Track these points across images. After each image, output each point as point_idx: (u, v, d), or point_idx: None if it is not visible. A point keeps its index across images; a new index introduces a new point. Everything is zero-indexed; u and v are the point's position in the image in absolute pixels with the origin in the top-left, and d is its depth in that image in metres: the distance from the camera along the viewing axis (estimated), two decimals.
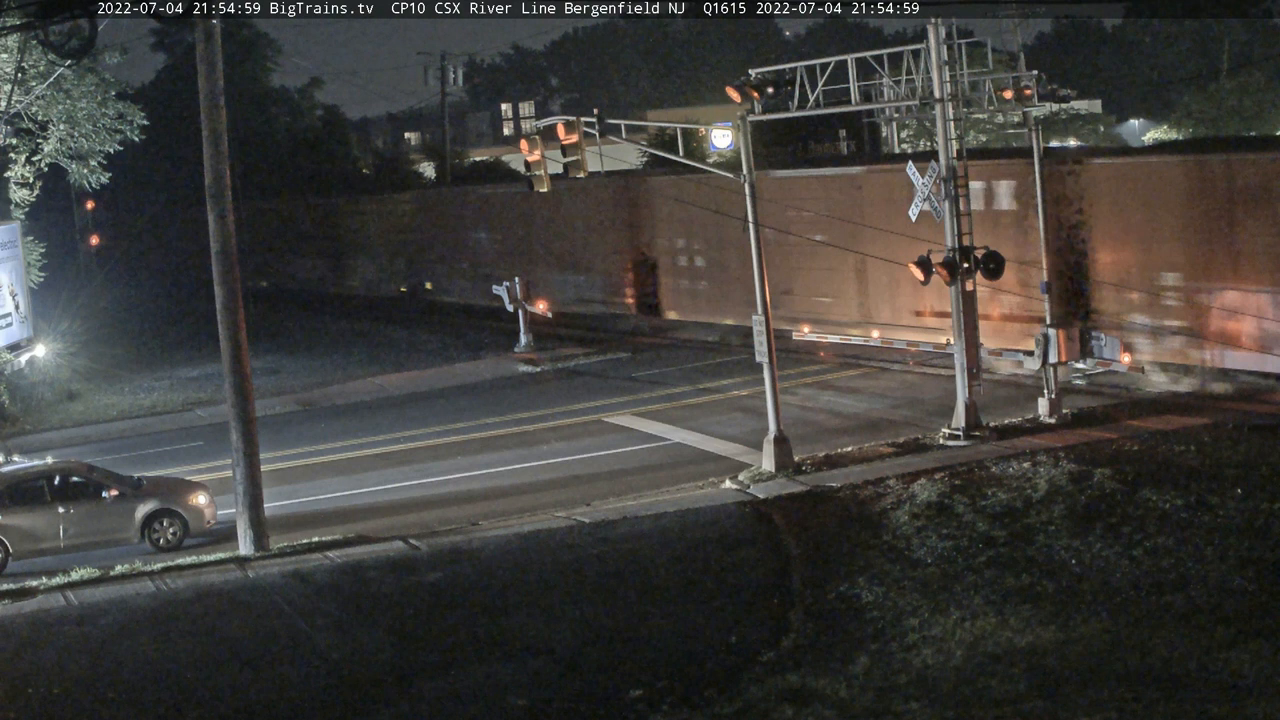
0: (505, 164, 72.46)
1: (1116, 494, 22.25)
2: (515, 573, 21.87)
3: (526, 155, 28.65)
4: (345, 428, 35.20)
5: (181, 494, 26.21)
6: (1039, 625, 17.61)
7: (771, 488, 25.49)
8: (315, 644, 19.61)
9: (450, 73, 70.94)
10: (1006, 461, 25.07)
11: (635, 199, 44.99)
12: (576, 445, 30.96)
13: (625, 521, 23.86)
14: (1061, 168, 30.93)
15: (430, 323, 53.99)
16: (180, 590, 22.11)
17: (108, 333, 49.98)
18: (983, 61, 32.31)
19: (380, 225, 62.24)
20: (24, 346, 40.57)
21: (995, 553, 20.49)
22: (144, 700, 18.16)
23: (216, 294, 24.55)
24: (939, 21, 26.96)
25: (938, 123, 27.70)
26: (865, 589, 19.73)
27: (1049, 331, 28.36)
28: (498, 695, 17.38)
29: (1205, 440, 25.14)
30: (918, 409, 31.20)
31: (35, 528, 24.94)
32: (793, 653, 17.94)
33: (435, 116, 77.31)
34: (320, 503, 28.09)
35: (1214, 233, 28.29)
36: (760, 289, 27.09)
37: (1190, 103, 68.73)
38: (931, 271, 27.22)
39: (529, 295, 44.74)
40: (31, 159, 40.25)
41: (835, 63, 27.94)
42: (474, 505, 26.70)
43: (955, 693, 15.85)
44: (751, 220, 26.81)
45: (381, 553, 23.30)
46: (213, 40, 24.02)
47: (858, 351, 36.94)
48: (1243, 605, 17.73)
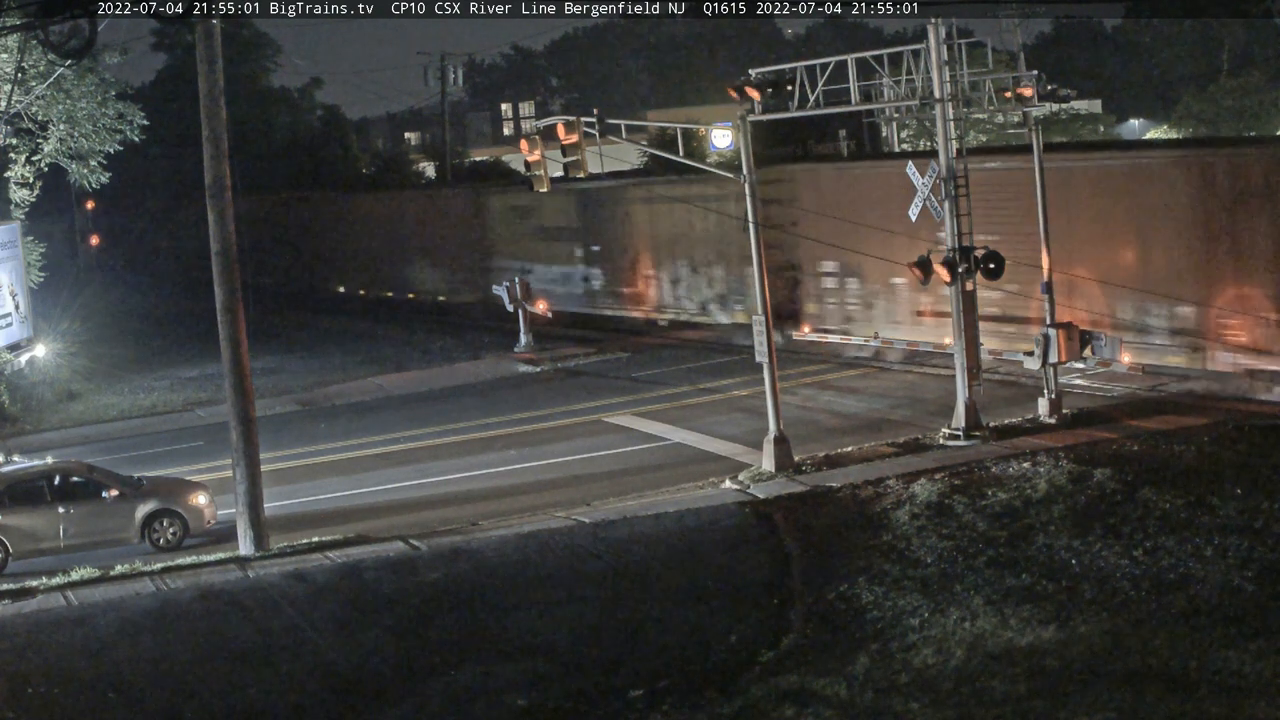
0: (505, 164, 72.42)
1: (1116, 494, 22.25)
2: (515, 573, 21.86)
3: (526, 155, 28.68)
4: (345, 428, 35.20)
5: (181, 494, 26.21)
6: (1039, 625, 17.61)
7: (771, 488, 25.49)
8: (315, 644, 19.61)
9: (450, 73, 70.94)
10: (1006, 461, 25.07)
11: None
12: (576, 445, 30.96)
13: (625, 522, 23.85)
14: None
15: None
16: (180, 590, 22.09)
17: (108, 333, 49.93)
18: (983, 61, 32.29)
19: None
20: (24, 346, 40.56)
21: (995, 553, 20.49)
22: (144, 700, 18.17)
23: (216, 294, 24.53)
24: (939, 21, 26.95)
25: (938, 123, 27.70)
26: (865, 589, 19.73)
27: (1049, 331, 28.34)
28: (498, 695, 17.39)
29: (1205, 440, 25.14)
30: (918, 409, 31.20)
31: (35, 528, 24.94)
32: (793, 653, 17.94)
33: (435, 116, 77.28)
34: (320, 503, 28.09)
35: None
36: (760, 289, 27.10)
37: (1190, 103, 68.67)
38: (931, 272, 27.26)
39: (528, 295, 44.77)
40: (31, 159, 40.23)
41: (835, 63, 27.94)
42: (474, 505, 26.69)
43: (955, 693, 15.86)
44: (751, 220, 26.81)
45: (381, 553, 23.29)
46: (213, 40, 24.01)
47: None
48: (1243, 605, 17.73)
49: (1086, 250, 31.09)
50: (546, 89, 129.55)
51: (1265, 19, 71.51)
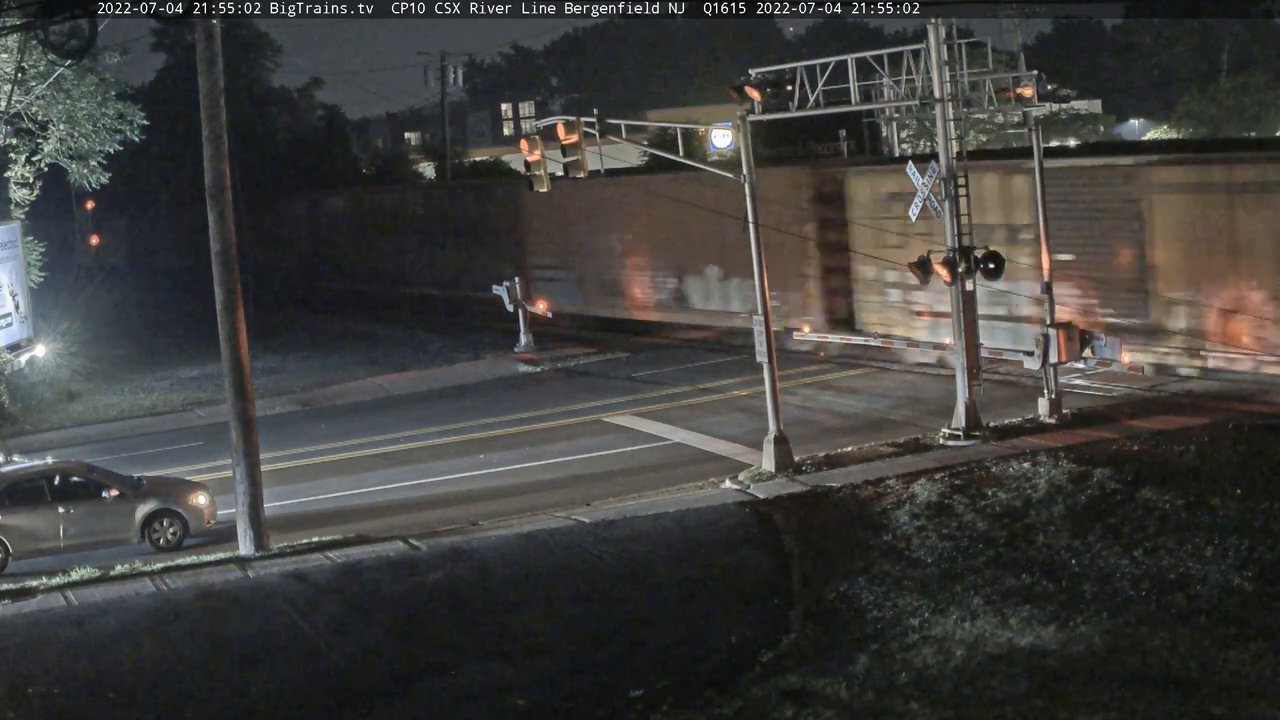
0: (505, 164, 72.42)
1: (1116, 494, 22.26)
2: (515, 573, 21.86)
3: (526, 155, 28.68)
4: (345, 428, 35.20)
5: (181, 494, 26.21)
6: (1039, 625, 17.61)
7: (771, 488, 25.48)
8: (315, 644, 19.61)
9: (450, 73, 70.90)
10: (1006, 461, 25.07)
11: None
12: (576, 445, 30.95)
13: (625, 521, 23.85)
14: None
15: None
16: (180, 590, 22.10)
17: (108, 333, 49.94)
18: (983, 61, 32.26)
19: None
20: (24, 346, 40.57)
21: (995, 553, 20.49)
22: (144, 700, 18.16)
23: (216, 294, 24.54)
24: (939, 21, 26.96)
25: (938, 123, 27.71)
26: (865, 589, 19.72)
27: (1049, 331, 28.35)
28: (498, 695, 17.39)
29: (1205, 440, 25.14)
30: (918, 409, 31.20)
31: (35, 528, 24.94)
32: (793, 653, 17.93)
33: (435, 116, 77.25)
34: (320, 503, 28.09)
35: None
36: (760, 288, 27.09)
37: (1190, 103, 68.71)
38: (931, 272, 27.26)
39: (529, 295, 44.76)
40: (31, 159, 40.26)
41: (835, 63, 27.95)
42: (474, 505, 26.69)
43: (956, 693, 15.86)
44: (751, 220, 26.81)
45: (381, 553, 23.29)
46: (213, 40, 24.02)
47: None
48: (1243, 605, 17.73)
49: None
50: (546, 89, 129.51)
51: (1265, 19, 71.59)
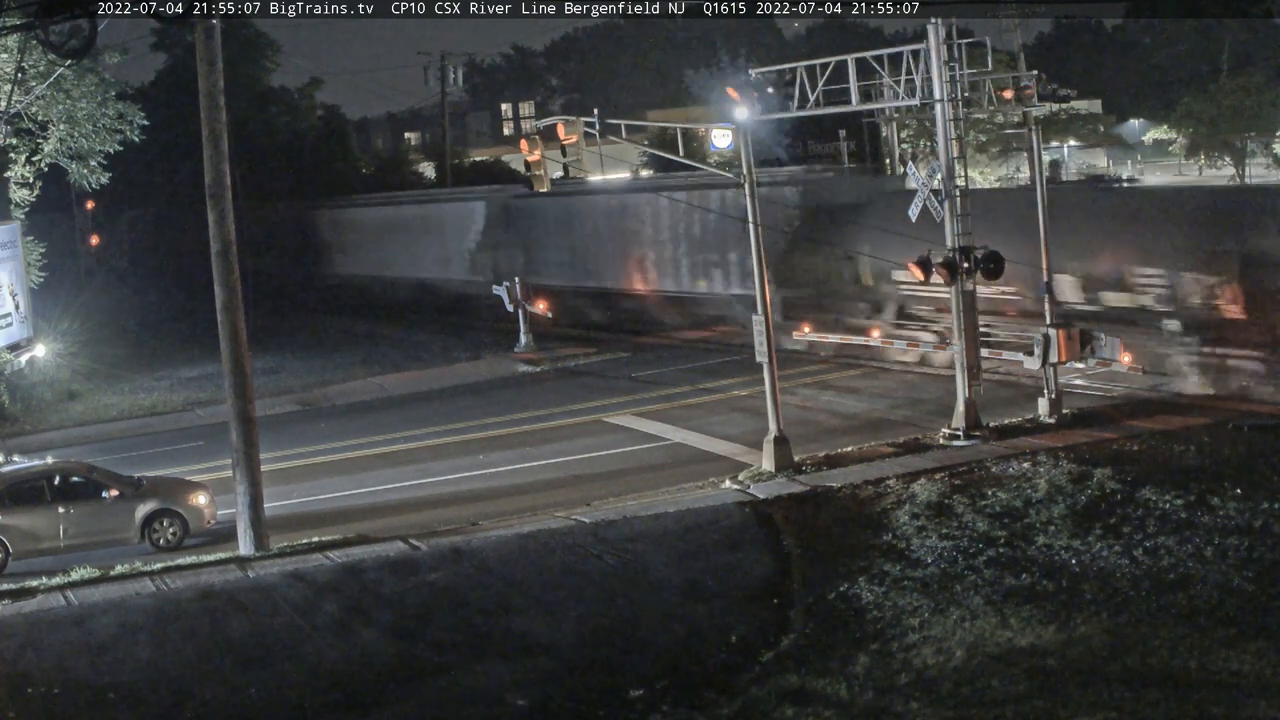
0: (505, 164, 72.43)
1: (1116, 494, 22.27)
2: (515, 573, 21.85)
3: (526, 155, 28.69)
4: (345, 427, 35.20)
5: (181, 494, 26.21)
6: (1039, 625, 17.61)
7: (771, 488, 25.48)
8: (315, 644, 19.60)
9: (450, 73, 70.88)
10: (1006, 461, 25.08)
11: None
12: (576, 445, 30.96)
13: (625, 521, 23.84)
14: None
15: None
16: (180, 590, 22.08)
17: (108, 333, 49.97)
18: (983, 61, 32.25)
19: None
20: (24, 346, 40.57)
21: (995, 553, 20.49)
22: (144, 700, 18.16)
23: (216, 294, 24.52)
24: (939, 21, 26.97)
25: (938, 123, 27.72)
26: (865, 589, 19.73)
27: (1049, 331, 28.35)
28: (498, 695, 17.39)
29: (1205, 440, 25.15)
30: (918, 409, 31.20)
31: (35, 528, 24.93)
32: (793, 653, 17.94)
33: (435, 116, 77.23)
34: (320, 503, 28.09)
35: None
36: (760, 289, 27.10)
37: (1190, 103, 68.61)
38: (931, 271, 27.26)
39: (529, 295, 44.75)
40: (31, 159, 40.25)
41: (835, 63, 27.96)
42: (474, 505, 26.69)
43: (955, 693, 15.86)
44: (751, 220, 26.82)
45: (381, 553, 23.28)
46: (213, 40, 24.01)
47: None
48: (1243, 605, 17.73)
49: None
50: (546, 89, 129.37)
51: (1265, 19, 71.55)
